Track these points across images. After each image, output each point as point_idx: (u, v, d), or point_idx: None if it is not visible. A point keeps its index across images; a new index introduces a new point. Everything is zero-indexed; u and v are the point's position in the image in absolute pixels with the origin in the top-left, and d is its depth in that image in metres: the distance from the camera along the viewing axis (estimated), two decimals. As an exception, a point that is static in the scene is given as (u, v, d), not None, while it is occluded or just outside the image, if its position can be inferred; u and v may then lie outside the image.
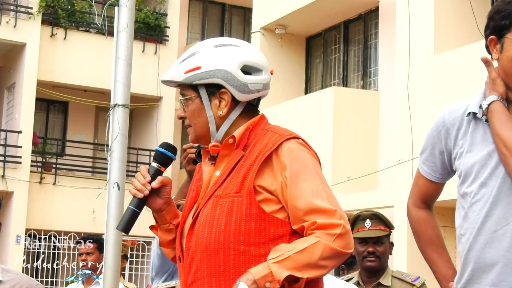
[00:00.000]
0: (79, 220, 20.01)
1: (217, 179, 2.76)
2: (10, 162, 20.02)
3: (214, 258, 2.66)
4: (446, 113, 2.99)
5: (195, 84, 2.79)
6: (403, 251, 12.07)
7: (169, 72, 2.84)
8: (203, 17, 24.20)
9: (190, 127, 2.86)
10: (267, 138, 2.73)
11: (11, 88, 21.42)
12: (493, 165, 2.80)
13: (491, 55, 2.96)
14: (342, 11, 15.50)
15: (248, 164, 2.71)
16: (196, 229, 2.72)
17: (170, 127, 22.07)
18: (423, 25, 12.62)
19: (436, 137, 3.00)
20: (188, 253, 2.73)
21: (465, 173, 2.88)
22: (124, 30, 4.33)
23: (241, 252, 2.64)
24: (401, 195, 12.37)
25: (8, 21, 20.33)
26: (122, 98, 4.27)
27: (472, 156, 2.86)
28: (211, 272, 2.66)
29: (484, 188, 2.81)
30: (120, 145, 4.24)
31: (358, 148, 14.28)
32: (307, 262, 2.55)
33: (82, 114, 22.80)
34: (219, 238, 2.65)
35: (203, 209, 2.73)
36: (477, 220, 2.81)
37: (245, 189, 2.67)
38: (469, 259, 2.82)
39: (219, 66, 2.77)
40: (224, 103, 2.79)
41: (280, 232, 2.66)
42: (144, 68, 21.06)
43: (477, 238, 2.80)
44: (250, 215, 2.65)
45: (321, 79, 16.66)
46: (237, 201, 2.67)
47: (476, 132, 2.88)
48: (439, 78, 12.04)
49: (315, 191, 2.65)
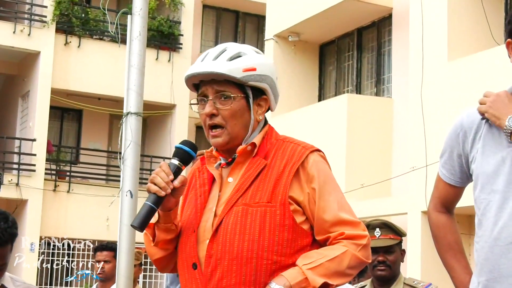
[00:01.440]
0: (93, 228, 20.03)
1: (238, 187, 2.73)
2: (25, 170, 20.09)
3: (246, 267, 2.63)
4: (464, 116, 2.96)
5: (248, 84, 2.76)
6: (417, 258, 12.03)
7: (214, 66, 2.71)
8: (216, 24, 24.23)
9: (219, 128, 2.75)
10: (289, 149, 2.76)
11: (26, 96, 21.50)
12: (507, 171, 2.77)
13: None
14: (356, 18, 15.50)
15: (275, 174, 2.71)
16: (221, 237, 2.67)
17: (184, 135, 22.09)
18: (437, 31, 12.60)
19: (455, 140, 2.97)
20: (210, 260, 2.68)
21: (477, 178, 2.86)
22: (137, 38, 4.34)
23: (273, 262, 2.64)
24: (415, 202, 12.35)
25: (23, 30, 20.42)
26: (135, 106, 4.27)
27: (485, 160, 2.83)
28: (241, 281, 2.63)
29: (498, 195, 2.78)
30: (133, 153, 4.23)
31: (371, 155, 14.26)
32: (336, 270, 2.63)
33: (96, 122, 22.86)
34: (253, 247, 2.63)
35: (227, 217, 2.69)
36: (491, 229, 2.78)
37: (278, 200, 2.67)
38: (484, 269, 2.80)
39: (269, 73, 2.81)
40: (263, 109, 2.82)
41: (304, 242, 2.71)
42: (158, 76, 21.11)
43: (493, 248, 2.77)
44: (284, 225, 2.66)
45: (334, 86, 16.65)
46: (270, 211, 2.67)
47: (490, 135, 2.85)
48: (452, 85, 12.01)
49: (340, 203, 2.73)
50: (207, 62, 2.75)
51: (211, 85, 2.75)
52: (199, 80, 2.78)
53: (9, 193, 19.22)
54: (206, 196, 2.81)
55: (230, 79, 2.73)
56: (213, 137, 2.76)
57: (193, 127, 23.18)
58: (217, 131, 2.75)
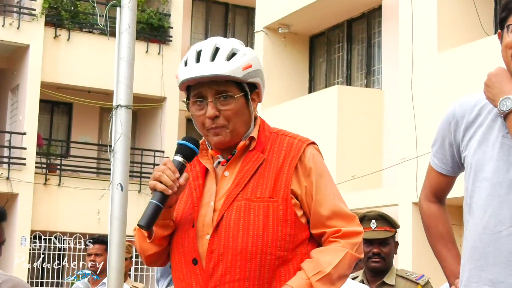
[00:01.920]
0: (84, 221, 20.01)
1: (237, 181, 2.72)
2: (15, 164, 20.05)
3: (250, 263, 2.63)
4: (457, 105, 2.96)
5: (246, 82, 2.75)
6: (408, 250, 12.06)
7: (216, 68, 2.68)
8: (206, 17, 24.20)
9: (221, 128, 2.72)
10: (286, 142, 2.76)
11: (15, 90, 21.44)
12: (495, 157, 2.76)
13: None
14: (345, 10, 15.49)
15: (274, 168, 2.71)
16: (224, 232, 2.66)
17: (174, 127, 22.08)
18: (427, 23, 12.60)
19: (446, 129, 2.96)
20: (212, 256, 2.66)
21: (470, 166, 2.85)
22: (126, 31, 4.32)
23: (277, 257, 2.66)
24: (406, 193, 12.38)
25: (12, 23, 20.35)
26: (125, 99, 4.25)
27: (479, 147, 2.82)
28: (245, 276, 2.63)
29: (487, 182, 2.77)
30: (123, 146, 4.21)
31: (362, 146, 14.27)
32: (340, 274, 2.68)
33: (86, 115, 22.82)
34: (257, 242, 2.63)
35: (229, 212, 2.68)
36: (481, 217, 2.77)
37: (280, 195, 2.68)
38: (473, 256, 2.80)
39: (260, 67, 2.81)
40: (256, 103, 2.82)
41: (304, 236, 2.73)
42: (147, 69, 21.07)
43: (481, 237, 2.76)
44: (286, 220, 2.67)
45: (324, 78, 16.65)
46: (273, 206, 2.67)
47: (486, 122, 2.84)
48: (443, 76, 12.02)
49: (336, 196, 2.76)
50: (206, 64, 2.70)
51: (210, 86, 2.71)
52: (196, 81, 2.73)
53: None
54: (201, 190, 2.78)
55: (233, 80, 2.71)
56: (215, 135, 2.73)
57: (184, 120, 23.16)
58: (219, 129, 2.72)
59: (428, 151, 3.13)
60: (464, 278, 2.83)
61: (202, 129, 2.76)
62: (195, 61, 2.73)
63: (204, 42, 2.80)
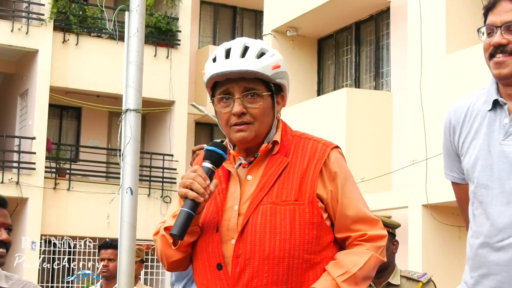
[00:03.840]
0: (94, 225, 20.03)
1: (261, 185, 2.70)
2: (24, 169, 20.08)
3: (278, 267, 2.62)
4: (451, 112, 2.96)
5: (274, 82, 2.74)
6: (418, 251, 12.04)
7: (246, 64, 2.67)
8: (214, 20, 24.21)
9: (247, 125, 2.69)
10: (310, 146, 2.76)
11: (24, 95, 21.49)
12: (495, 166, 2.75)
13: None
14: (354, 12, 15.48)
15: (299, 172, 2.71)
16: (250, 237, 2.64)
17: (183, 131, 22.09)
18: (435, 24, 12.59)
19: (448, 140, 2.96)
20: (238, 261, 2.64)
21: (470, 173, 2.84)
22: (134, 35, 4.33)
23: (304, 260, 2.65)
24: (416, 196, 12.36)
25: (20, 28, 20.40)
26: (134, 103, 4.26)
27: (478, 155, 2.81)
28: (273, 281, 2.62)
29: (488, 190, 2.76)
30: (132, 150, 4.23)
31: (371, 149, 14.25)
32: (365, 276, 2.68)
33: (95, 119, 22.84)
34: (285, 246, 2.62)
35: (254, 216, 2.66)
36: (482, 225, 2.76)
37: (305, 198, 2.67)
38: (475, 264, 2.79)
39: (286, 69, 2.81)
40: (280, 106, 2.81)
41: (329, 239, 2.73)
42: (156, 73, 21.10)
43: (483, 245, 2.75)
44: (313, 223, 2.66)
45: (333, 80, 16.64)
46: (299, 209, 2.66)
47: (481, 127, 2.83)
48: (451, 78, 12.01)
49: (360, 200, 2.78)
50: (236, 60, 2.69)
51: (238, 83, 2.70)
52: (225, 78, 2.71)
53: (9, 191, 19.20)
54: (224, 194, 2.75)
55: (262, 77, 2.70)
56: (239, 131, 2.71)
57: (192, 123, 23.16)
58: (244, 126, 2.70)
59: (438, 153, 3.13)
60: (470, 283, 2.83)
61: (226, 126, 2.74)
62: (224, 57, 2.71)
63: (233, 41, 2.78)
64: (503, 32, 2.79)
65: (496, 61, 2.82)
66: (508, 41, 2.79)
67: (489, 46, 2.84)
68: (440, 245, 11.99)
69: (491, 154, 2.76)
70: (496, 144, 2.76)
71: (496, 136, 2.78)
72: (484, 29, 2.86)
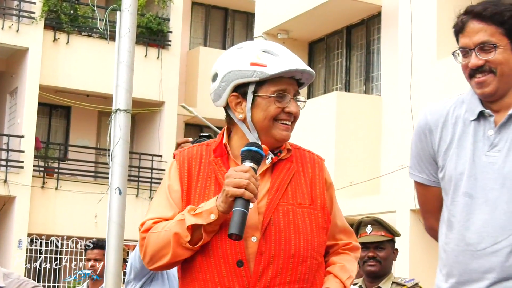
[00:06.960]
0: (82, 225, 20.00)
1: (276, 187, 2.75)
2: (13, 167, 20.03)
3: (301, 266, 2.70)
4: (428, 114, 2.95)
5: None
6: (405, 256, 12.05)
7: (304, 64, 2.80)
8: (205, 22, 24.21)
9: (293, 123, 2.86)
10: (307, 157, 2.91)
11: (14, 93, 21.44)
12: (478, 173, 2.75)
13: None
14: (345, 16, 15.50)
15: (308, 179, 2.84)
16: (274, 235, 2.68)
17: (172, 132, 22.08)
18: (426, 30, 12.61)
19: (423, 140, 2.94)
20: (261, 258, 2.66)
21: (450, 179, 2.83)
22: (126, 35, 4.33)
23: (318, 262, 2.78)
24: (404, 200, 12.37)
25: (11, 26, 20.35)
26: (124, 103, 4.26)
27: (458, 162, 2.81)
28: (295, 279, 2.69)
29: (467, 198, 2.76)
30: (121, 150, 4.22)
31: (360, 153, 14.27)
32: (352, 279, 2.89)
33: (85, 119, 22.81)
34: (307, 246, 2.73)
35: (276, 215, 2.71)
36: (463, 233, 2.77)
37: (317, 203, 2.80)
38: (454, 271, 2.79)
39: None
40: None
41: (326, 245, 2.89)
42: (146, 73, 21.08)
43: (464, 253, 2.76)
44: (324, 228, 2.81)
45: (323, 84, 16.65)
46: (314, 213, 2.79)
47: (464, 136, 2.83)
48: (441, 83, 12.02)
49: (340, 211, 2.98)
50: (299, 60, 2.82)
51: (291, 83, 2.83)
52: (290, 75, 2.80)
53: (-3, 190, 19.20)
54: None
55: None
56: (285, 130, 2.84)
57: (182, 124, 23.16)
58: (292, 125, 2.90)
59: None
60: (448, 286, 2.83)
61: (270, 120, 2.78)
62: (285, 54, 2.79)
63: (258, 41, 2.84)
64: (478, 53, 2.81)
65: (477, 81, 2.85)
66: (484, 61, 2.80)
67: (466, 67, 2.85)
68: (427, 250, 12.00)
69: (475, 164, 2.77)
70: (481, 154, 2.77)
71: (480, 146, 2.79)
72: (459, 51, 2.86)
